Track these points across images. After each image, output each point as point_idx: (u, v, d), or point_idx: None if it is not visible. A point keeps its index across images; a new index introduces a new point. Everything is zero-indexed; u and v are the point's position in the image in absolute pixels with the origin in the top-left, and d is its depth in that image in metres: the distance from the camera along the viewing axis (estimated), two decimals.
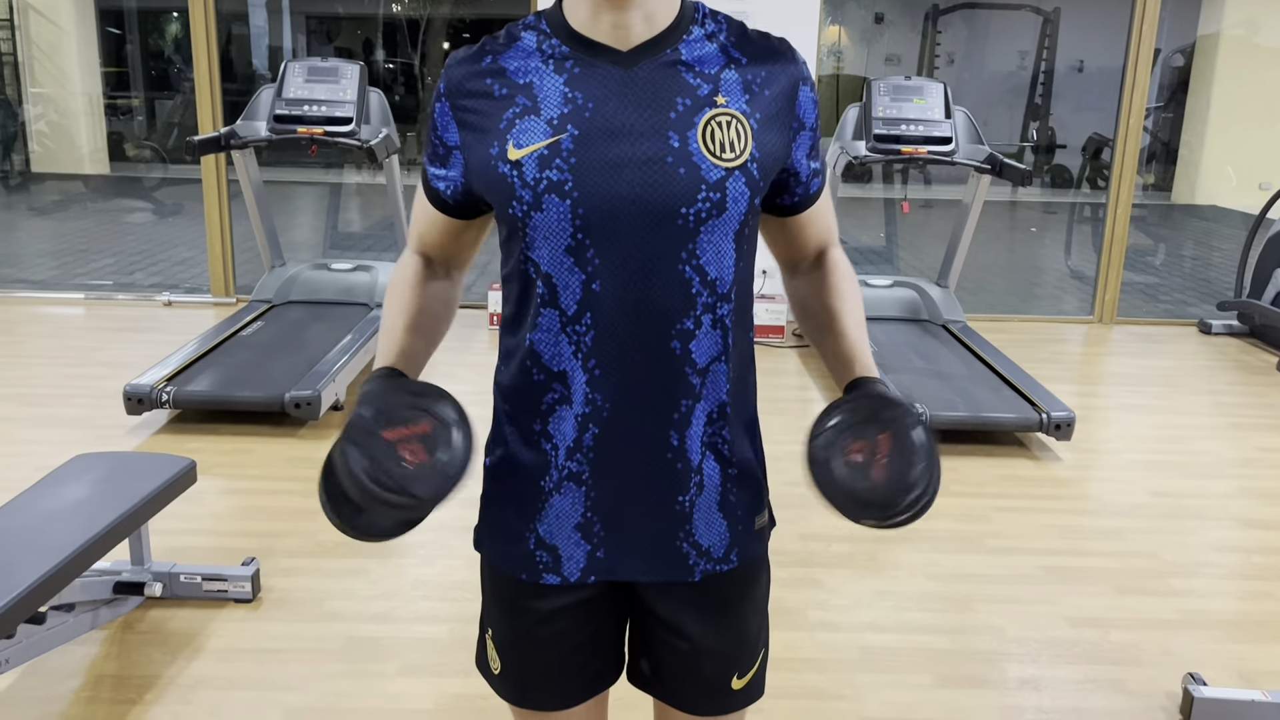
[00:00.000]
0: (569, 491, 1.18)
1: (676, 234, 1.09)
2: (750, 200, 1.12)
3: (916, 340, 4.90)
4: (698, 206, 1.09)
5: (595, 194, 1.08)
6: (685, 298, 1.11)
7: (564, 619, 1.24)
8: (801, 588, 2.86)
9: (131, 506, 2.39)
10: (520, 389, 1.19)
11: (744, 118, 1.12)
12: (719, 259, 1.12)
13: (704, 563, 1.21)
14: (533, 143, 1.09)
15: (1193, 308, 6.77)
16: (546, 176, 1.08)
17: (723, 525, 1.21)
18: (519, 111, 1.11)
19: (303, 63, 5.01)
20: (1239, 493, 3.66)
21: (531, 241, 1.11)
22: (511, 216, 1.12)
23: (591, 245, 1.09)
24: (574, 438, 1.15)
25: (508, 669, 1.30)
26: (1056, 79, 11.62)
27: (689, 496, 1.18)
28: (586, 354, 1.13)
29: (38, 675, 2.38)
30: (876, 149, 4.84)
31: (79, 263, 7.21)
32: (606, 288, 1.10)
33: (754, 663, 1.31)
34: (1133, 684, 2.48)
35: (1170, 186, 11.20)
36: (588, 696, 1.31)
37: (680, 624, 1.24)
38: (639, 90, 1.10)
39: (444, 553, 3.00)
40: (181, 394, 3.87)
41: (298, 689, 2.37)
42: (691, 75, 1.12)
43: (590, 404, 1.14)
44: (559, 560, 1.20)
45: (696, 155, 1.09)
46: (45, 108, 10.02)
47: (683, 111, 1.10)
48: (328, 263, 5.54)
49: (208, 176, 5.74)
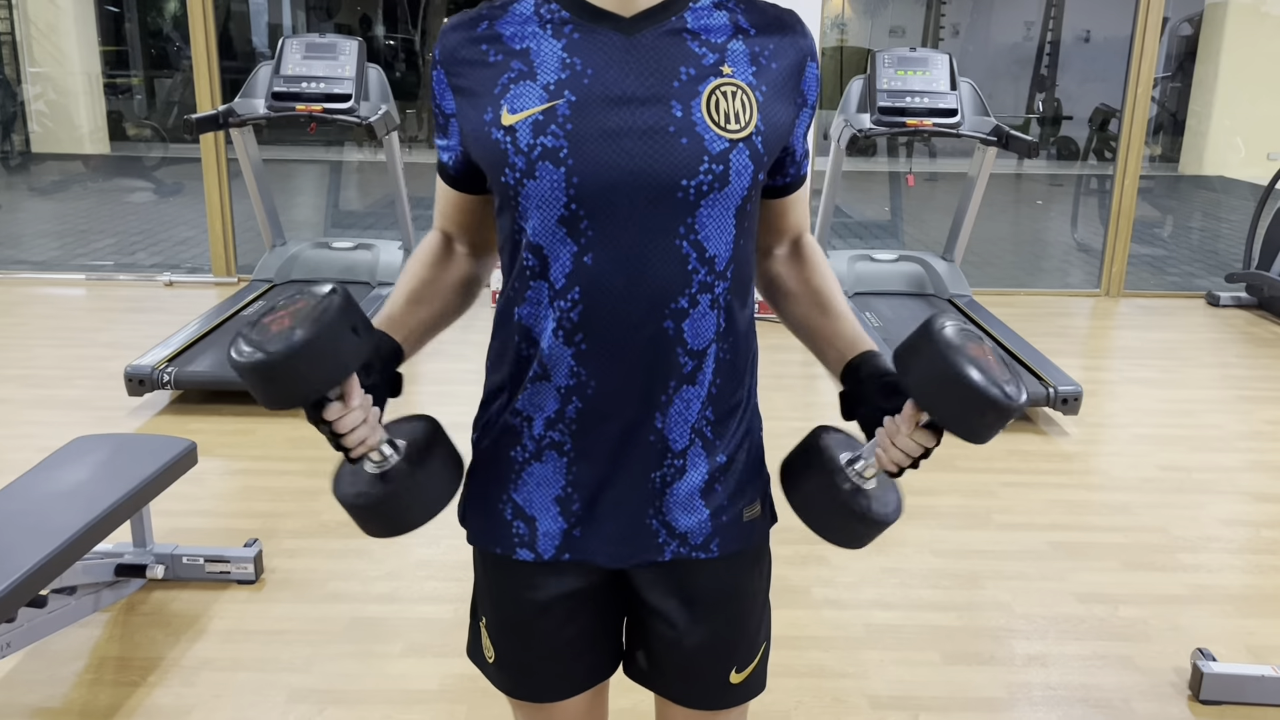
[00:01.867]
0: (550, 459, 1.15)
1: (676, 207, 1.06)
2: (754, 174, 1.09)
3: (922, 315, 4.85)
4: (699, 179, 1.05)
5: (591, 162, 1.04)
6: (681, 274, 1.08)
7: (559, 609, 1.21)
8: (807, 565, 2.84)
9: (133, 488, 2.37)
10: (505, 360, 1.17)
11: (750, 89, 1.08)
12: (718, 235, 1.09)
13: (675, 544, 1.18)
14: (527, 108, 1.05)
15: (1200, 280, 6.72)
16: (541, 143, 1.04)
17: (704, 513, 1.17)
18: (514, 76, 1.07)
19: (301, 39, 4.96)
20: (1248, 466, 3.63)
21: (524, 210, 1.08)
22: (504, 184, 1.08)
23: (586, 216, 1.06)
24: (555, 409, 1.13)
25: (502, 658, 1.28)
26: (1063, 49, 11.50)
27: (661, 474, 1.15)
28: (572, 329, 1.09)
29: (40, 658, 2.38)
30: (881, 121, 4.79)
31: (80, 243, 7.18)
32: (599, 261, 1.06)
33: (753, 656, 1.28)
34: (1141, 660, 2.47)
35: (1177, 157, 11.10)
36: (584, 688, 1.29)
37: (667, 611, 1.21)
38: (641, 57, 1.06)
39: (448, 532, 2.96)
40: (183, 375, 3.85)
41: (301, 670, 2.36)
42: (697, 44, 1.08)
43: (575, 377, 1.11)
44: (535, 534, 1.18)
45: (700, 125, 1.05)
46: (44, 87, 9.96)
47: (686, 80, 1.06)
48: (329, 241, 5.51)
49: (207, 155, 5.70)
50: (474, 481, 1.23)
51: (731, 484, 1.19)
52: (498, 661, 1.28)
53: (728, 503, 1.19)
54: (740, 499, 1.20)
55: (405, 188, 5.43)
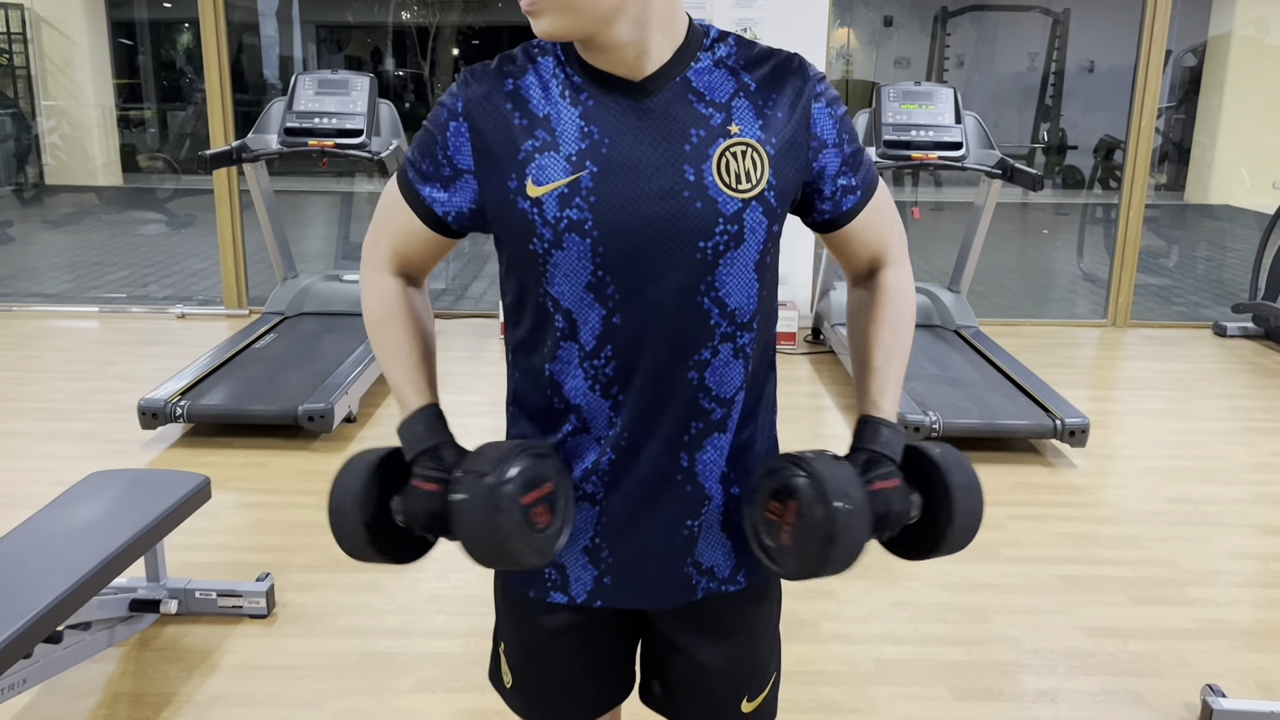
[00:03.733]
0: (583, 510, 1.18)
1: (695, 267, 1.09)
2: (769, 228, 1.12)
3: (929, 346, 4.88)
4: (715, 239, 1.08)
5: (615, 231, 1.07)
6: (704, 329, 1.11)
7: (575, 637, 1.24)
8: (815, 599, 2.85)
9: (147, 524, 2.39)
10: (539, 414, 1.19)
11: (759, 145, 1.11)
12: (740, 289, 1.12)
13: (704, 580, 1.21)
14: (553, 180, 1.08)
15: (1207, 310, 6.72)
16: (567, 215, 1.07)
17: (727, 545, 1.21)
18: (538, 145, 1.09)
19: (313, 75, 5.02)
20: (1256, 498, 3.63)
21: (551, 278, 1.11)
22: (531, 253, 1.10)
23: (612, 281, 1.09)
24: (593, 460, 1.16)
25: (519, 683, 1.31)
26: (1067, 80, 11.56)
27: (698, 522, 1.18)
28: (606, 384, 1.13)
29: (55, 694, 2.39)
30: (887, 155, 4.83)
31: (93, 275, 7.24)
32: (626, 321, 1.10)
33: (765, 685, 1.31)
34: (1151, 695, 2.46)
35: (1183, 186, 11.13)
36: (599, 713, 1.32)
37: (687, 645, 1.24)
38: (652, 123, 1.09)
39: (458, 567, 3.00)
40: (195, 408, 3.88)
41: (313, 706, 2.37)
42: (703, 105, 1.11)
43: (612, 427, 1.14)
44: (567, 580, 1.21)
45: (712, 189, 1.08)
46: (58, 120, 10.07)
47: (696, 144, 1.09)
48: (340, 274, 5.55)
49: (220, 188, 5.77)
50: None
51: None
52: (515, 687, 1.32)
53: None
54: None
55: None
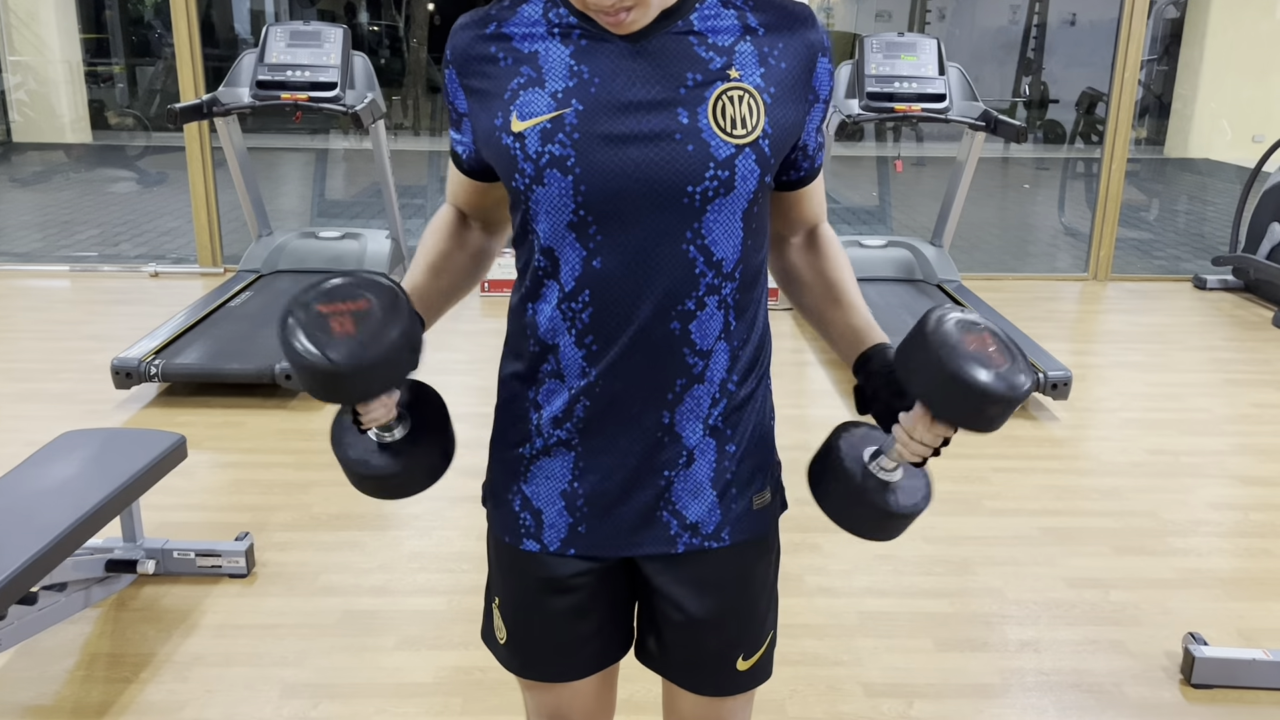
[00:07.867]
0: (559, 454, 1.18)
1: (682, 212, 1.07)
2: (760, 178, 1.09)
3: (911, 301, 4.87)
4: (705, 185, 1.06)
5: (598, 170, 1.05)
6: (688, 278, 1.09)
7: (571, 593, 1.23)
8: (799, 553, 2.85)
9: (122, 483, 2.36)
10: (519, 356, 1.19)
11: (757, 92, 1.08)
12: (726, 238, 1.10)
13: (688, 535, 1.19)
14: (536, 115, 1.07)
15: (1187, 263, 6.74)
16: (549, 150, 1.06)
17: (713, 501, 1.19)
18: (524, 82, 1.08)
19: (285, 27, 4.91)
20: (1236, 449, 3.65)
21: (534, 214, 1.10)
22: (514, 189, 1.11)
23: (594, 222, 1.07)
24: (563, 408, 1.15)
25: (514, 639, 1.29)
26: (1049, 33, 11.51)
27: (674, 472, 1.16)
28: (583, 330, 1.11)
29: (31, 655, 2.36)
30: (870, 107, 4.78)
31: (63, 234, 7.12)
32: (607, 265, 1.08)
33: (760, 644, 1.29)
34: (1133, 644, 2.48)
35: (1163, 140, 11.13)
36: (594, 670, 1.31)
37: (678, 598, 1.23)
38: (647, 64, 1.07)
39: (440, 524, 2.98)
40: (170, 367, 3.82)
41: (294, 664, 2.35)
42: (704, 48, 1.08)
43: (585, 376, 1.13)
44: (541, 525, 1.20)
45: (706, 132, 1.05)
46: (24, 76, 9.86)
47: (693, 86, 1.06)
48: (315, 231, 5.48)
49: (191, 144, 5.65)
50: (492, 466, 1.26)
51: (743, 473, 1.20)
52: (509, 642, 1.30)
53: (738, 491, 1.20)
54: (750, 487, 1.21)
55: (392, 176, 5.39)
